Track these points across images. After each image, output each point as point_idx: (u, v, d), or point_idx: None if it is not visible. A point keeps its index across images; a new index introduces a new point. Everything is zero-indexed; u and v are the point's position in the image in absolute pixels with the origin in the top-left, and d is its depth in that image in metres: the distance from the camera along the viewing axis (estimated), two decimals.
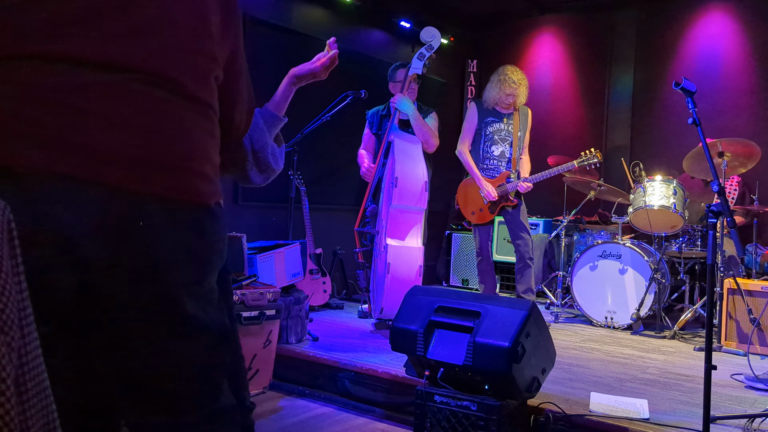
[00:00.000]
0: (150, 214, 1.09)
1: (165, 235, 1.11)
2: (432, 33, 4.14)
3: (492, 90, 4.50)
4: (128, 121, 1.07)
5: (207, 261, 1.19)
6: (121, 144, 1.06)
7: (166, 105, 1.12)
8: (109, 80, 1.07)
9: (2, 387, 0.78)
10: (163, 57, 1.13)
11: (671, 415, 2.67)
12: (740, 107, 5.71)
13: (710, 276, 2.43)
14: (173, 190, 1.12)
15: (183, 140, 1.14)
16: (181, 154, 1.14)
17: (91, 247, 1.04)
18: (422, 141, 4.22)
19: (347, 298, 5.59)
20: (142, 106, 1.09)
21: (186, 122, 1.15)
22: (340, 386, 3.33)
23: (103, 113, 1.05)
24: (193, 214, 1.15)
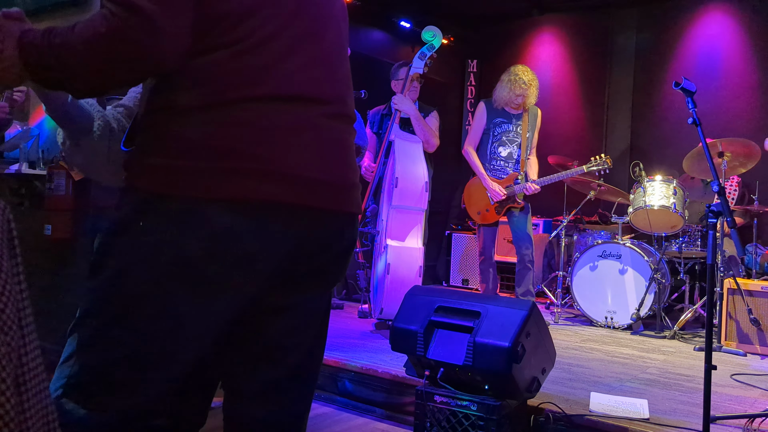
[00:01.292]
0: (340, 229, 1.27)
1: (343, 246, 1.31)
2: (433, 32, 4.14)
3: (502, 90, 4.47)
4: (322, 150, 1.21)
5: (347, 264, 1.39)
6: (321, 171, 1.20)
7: (340, 131, 1.27)
8: (306, 114, 1.19)
9: (2, 387, 0.78)
10: (332, 86, 1.26)
11: (671, 415, 2.67)
12: (740, 107, 5.72)
13: (710, 276, 2.43)
14: (354, 207, 1.31)
15: (351, 161, 1.31)
16: (353, 174, 1.32)
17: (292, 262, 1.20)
18: (423, 140, 4.22)
19: (347, 298, 5.59)
20: (328, 135, 1.23)
21: (349, 143, 1.31)
22: (340, 386, 3.33)
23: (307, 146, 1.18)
24: (355, 225, 1.35)
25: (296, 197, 1.15)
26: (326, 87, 1.23)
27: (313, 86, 1.19)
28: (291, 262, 1.19)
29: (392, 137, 4.08)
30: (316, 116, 1.19)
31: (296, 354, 1.31)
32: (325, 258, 1.26)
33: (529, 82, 4.41)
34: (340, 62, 1.29)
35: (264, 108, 1.12)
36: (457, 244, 6.46)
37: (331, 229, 1.24)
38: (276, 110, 1.13)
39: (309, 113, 1.18)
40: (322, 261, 1.26)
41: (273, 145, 1.12)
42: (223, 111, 1.10)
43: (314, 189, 1.17)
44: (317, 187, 1.18)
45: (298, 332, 1.30)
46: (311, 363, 1.38)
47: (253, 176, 1.10)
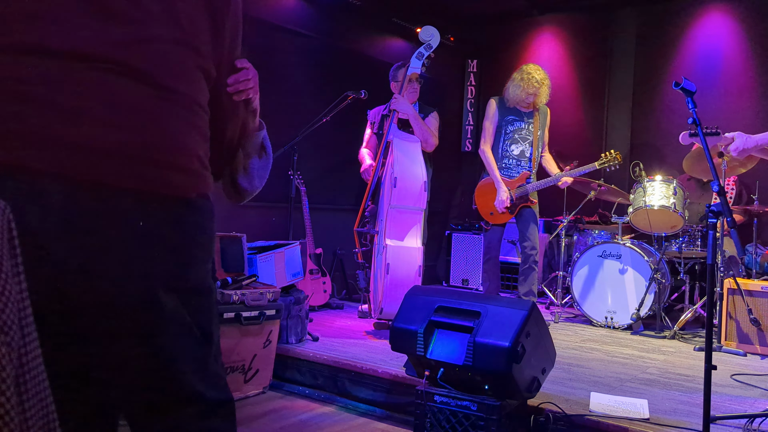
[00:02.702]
0: (119, 207, 1.08)
1: (137, 229, 1.09)
2: (431, 32, 4.14)
3: (515, 89, 4.47)
4: (96, 112, 1.06)
5: (186, 254, 1.17)
6: (89, 137, 1.05)
7: (137, 96, 1.11)
8: (77, 70, 1.05)
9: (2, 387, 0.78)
10: (134, 46, 1.11)
11: (671, 415, 2.67)
12: (740, 107, 5.71)
13: (710, 276, 2.43)
14: (144, 183, 1.10)
15: (154, 131, 1.13)
16: (152, 145, 1.12)
17: (59, 244, 1.03)
18: (421, 140, 4.22)
19: (347, 298, 5.59)
20: (110, 97, 1.08)
21: (158, 113, 1.13)
22: (340, 386, 3.33)
23: (70, 105, 1.04)
24: (168, 207, 1.14)
25: (32, 160, 1.00)
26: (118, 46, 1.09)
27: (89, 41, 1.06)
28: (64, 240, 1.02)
29: (391, 137, 4.08)
30: (88, 72, 1.05)
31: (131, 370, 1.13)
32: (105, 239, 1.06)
33: (541, 81, 4.42)
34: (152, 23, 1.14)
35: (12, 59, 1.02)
36: (457, 244, 6.46)
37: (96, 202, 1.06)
38: (20, 62, 1.02)
39: (77, 70, 1.05)
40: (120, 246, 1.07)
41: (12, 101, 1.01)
42: None
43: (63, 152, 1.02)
44: (69, 150, 1.03)
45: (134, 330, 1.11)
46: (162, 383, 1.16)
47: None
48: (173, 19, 1.18)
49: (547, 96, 4.53)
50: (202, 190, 1.21)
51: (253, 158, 1.54)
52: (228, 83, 1.33)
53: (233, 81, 1.33)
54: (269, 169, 1.61)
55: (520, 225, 4.53)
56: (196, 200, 1.20)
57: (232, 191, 1.56)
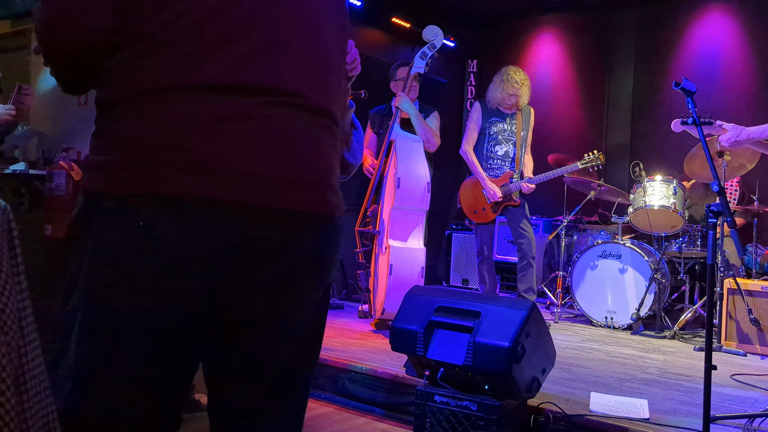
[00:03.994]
0: (285, 229, 1.15)
1: (302, 250, 1.17)
2: (434, 32, 4.13)
3: (495, 90, 4.51)
4: (267, 143, 1.12)
5: (327, 271, 1.26)
6: (263, 166, 1.10)
7: (298, 123, 1.17)
8: (247, 104, 1.11)
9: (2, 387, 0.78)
10: (292, 75, 1.17)
11: (671, 415, 2.67)
12: (740, 107, 5.72)
13: (710, 276, 2.43)
14: (312, 206, 1.18)
15: (315, 156, 1.19)
16: (315, 170, 1.19)
17: (237, 266, 1.11)
18: (423, 140, 4.22)
19: (347, 298, 5.59)
20: (276, 126, 1.13)
21: (316, 138, 1.20)
22: (340, 386, 3.32)
23: (246, 138, 1.10)
24: (322, 227, 1.21)
25: (223, 191, 1.07)
26: (279, 75, 1.14)
27: (257, 74, 1.12)
28: (236, 264, 1.10)
29: (393, 137, 4.07)
30: (258, 106, 1.11)
31: (275, 368, 1.22)
32: (283, 261, 1.15)
33: (521, 82, 4.45)
34: (305, 48, 1.19)
35: (191, 98, 1.07)
36: (457, 244, 6.46)
37: (276, 227, 1.13)
38: (206, 100, 1.07)
39: (249, 103, 1.10)
40: (280, 265, 1.15)
41: (198, 137, 1.06)
42: (146, 102, 1.06)
43: (249, 183, 1.09)
44: (253, 181, 1.09)
45: (273, 346, 1.20)
46: (297, 375, 1.26)
47: (176, 169, 1.05)
48: (325, 40, 1.24)
49: (528, 96, 4.57)
50: (342, 210, 1.29)
51: (351, 133, 1.63)
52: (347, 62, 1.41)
53: (350, 59, 1.43)
54: (363, 141, 1.70)
55: (512, 223, 4.55)
56: (339, 219, 1.27)
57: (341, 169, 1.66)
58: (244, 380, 1.21)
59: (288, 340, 1.22)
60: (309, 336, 1.26)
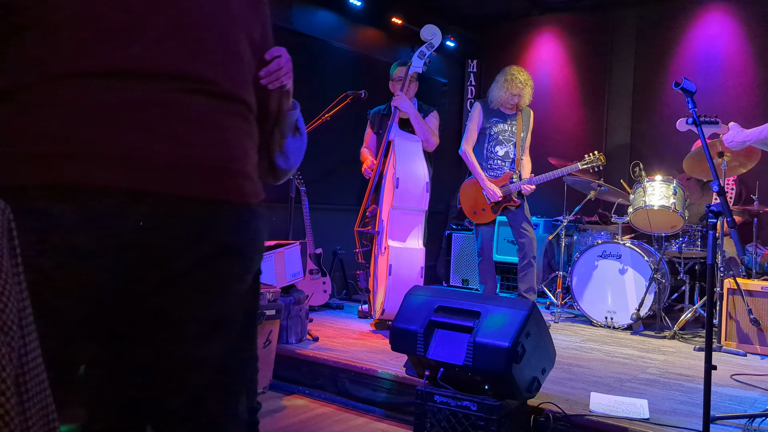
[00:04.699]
0: (197, 217, 1.11)
1: (211, 237, 1.13)
2: (432, 31, 4.12)
3: (498, 90, 4.48)
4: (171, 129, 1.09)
5: (249, 259, 1.21)
6: (165, 153, 1.08)
7: (205, 109, 1.14)
8: (147, 90, 1.08)
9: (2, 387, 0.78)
10: (199, 60, 1.14)
11: (671, 415, 2.67)
12: (740, 107, 5.71)
13: (710, 276, 2.43)
14: (218, 192, 1.14)
15: (224, 142, 1.16)
16: (224, 156, 1.16)
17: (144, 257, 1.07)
18: (422, 139, 4.21)
19: (347, 298, 5.59)
20: (182, 113, 1.11)
21: (225, 124, 1.17)
22: (340, 386, 3.33)
23: (146, 125, 1.07)
24: (237, 214, 1.18)
25: (124, 180, 1.04)
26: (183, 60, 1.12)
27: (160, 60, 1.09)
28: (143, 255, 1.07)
29: (392, 137, 4.07)
30: (162, 92, 1.09)
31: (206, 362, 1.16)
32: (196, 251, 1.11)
33: (524, 82, 4.43)
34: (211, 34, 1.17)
35: (89, 85, 1.04)
36: (457, 244, 6.46)
37: (185, 216, 1.10)
38: (104, 87, 1.05)
39: (151, 89, 1.08)
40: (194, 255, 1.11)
41: (98, 125, 1.03)
42: (42, 90, 1.04)
43: (151, 172, 1.06)
44: (156, 169, 1.06)
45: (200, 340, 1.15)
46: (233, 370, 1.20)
47: (74, 159, 1.02)
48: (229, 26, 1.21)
49: (530, 97, 4.55)
50: (260, 197, 1.25)
51: (289, 138, 1.58)
52: (260, 75, 1.36)
53: (264, 74, 1.37)
54: (304, 148, 1.65)
55: (512, 223, 4.55)
56: (257, 207, 1.23)
57: (269, 171, 1.61)
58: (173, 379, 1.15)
59: (217, 333, 1.17)
60: (242, 328, 1.21)
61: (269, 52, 1.38)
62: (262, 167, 1.61)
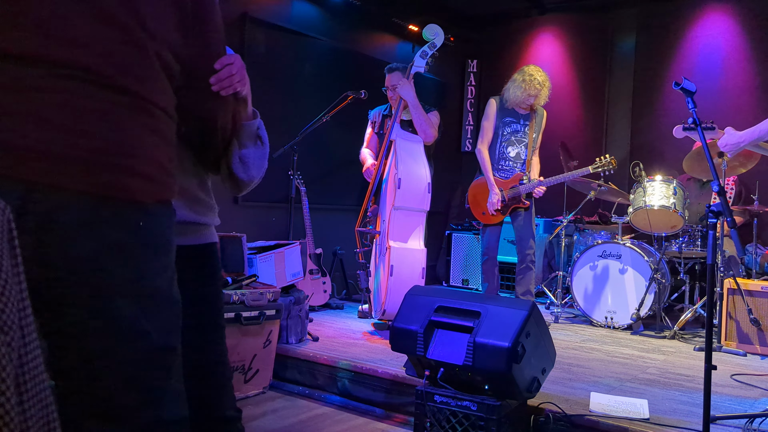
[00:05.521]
0: (71, 210, 1.07)
1: (88, 233, 1.08)
2: (435, 30, 4.11)
3: (515, 90, 4.42)
4: (47, 116, 1.06)
5: (142, 259, 1.15)
6: (39, 140, 1.05)
7: (90, 99, 1.10)
8: (27, 75, 1.06)
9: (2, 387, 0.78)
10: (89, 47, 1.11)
11: (671, 415, 2.67)
12: (740, 107, 5.71)
13: (710, 276, 2.43)
14: (96, 187, 1.10)
15: (108, 135, 1.12)
16: (106, 150, 1.12)
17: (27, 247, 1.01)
18: (420, 131, 4.18)
19: (347, 298, 5.59)
20: (62, 100, 1.08)
21: (113, 117, 1.13)
22: (340, 386, 3.33)
23: (22, 110, 1.05)
24: (121, 212, 1.13)
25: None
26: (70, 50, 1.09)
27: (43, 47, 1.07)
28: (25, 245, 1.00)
29: (393, 137, 4.05)
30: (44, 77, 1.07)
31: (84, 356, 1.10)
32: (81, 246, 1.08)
33: (542, 83, 4.38)
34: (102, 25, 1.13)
35: None
36: (457, 244, 6.46)
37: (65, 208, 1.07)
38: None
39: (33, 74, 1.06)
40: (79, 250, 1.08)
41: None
42: None
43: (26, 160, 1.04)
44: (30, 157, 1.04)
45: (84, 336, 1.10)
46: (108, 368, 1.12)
47: None
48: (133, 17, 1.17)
49: (547, 98, 4.50)
50: (161, 197, 1.20)
51: (249, 148, 1.55)
52: (210, 83, 1.34)
53: (215, 81, 1.35)
54: (266, 158, 1.62)
55: (516, 225, 4.53)
56: (153, 206, 1.18)
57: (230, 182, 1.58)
58: None
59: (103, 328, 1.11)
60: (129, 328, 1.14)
61: (220, 61, 1.35)
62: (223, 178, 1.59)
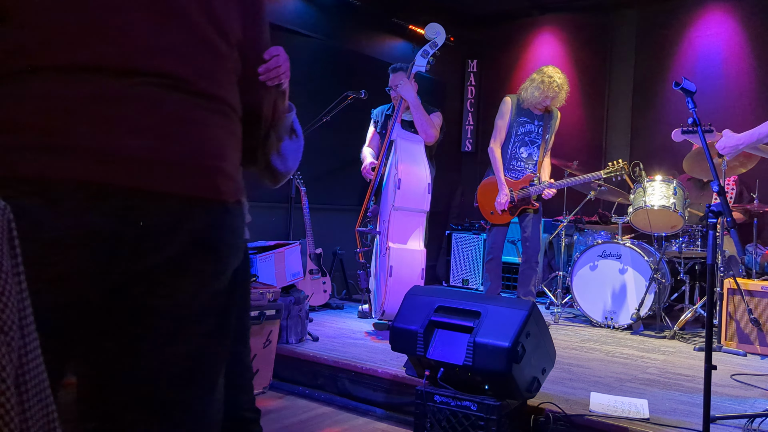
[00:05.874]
0: (169, 212, 1.11)
1: (183, 233, 1.12)
2: (436, 30, 4.09)
3: (534, 90, 4.38)
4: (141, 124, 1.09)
5: (223, 258, 1.20)
6: (135, 147, 1.07)
7: (180, 105, 1.13)
8: (120, 85, 1.08)
9: (2, 387, 0.78)
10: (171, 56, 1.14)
11: (671, 415, 2.67)
12: (740, 107, 5.72)
13: (710, 276, 2.43)
14: (191, 189, 1.13)
15: (199, 139, 1.16)
16: (197, 153, 1.15)
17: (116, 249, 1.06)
18: (421, 131, 4.16)
19: (347, 298, 5.59)
20: (155, 108, 1.10)
21: (201, 120, 1.16)
22: (340, 386, 3.33)
23: (118, 118, 1.07)
24: (211, 212, 1.16)
25: (95, 174, 1.03)
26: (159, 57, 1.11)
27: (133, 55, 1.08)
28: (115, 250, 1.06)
29: (394, 136, 4.04)
30: (136, 86, 1.08)
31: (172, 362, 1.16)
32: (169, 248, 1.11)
33: (561, 86, 4.34)
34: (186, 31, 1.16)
35: (59, 78, 1.04)
36: (457, 244, 6.46)
37: (157, 212, 1.09)
38: (75, 80, 1.04)
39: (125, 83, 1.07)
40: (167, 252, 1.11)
41: (68, 118, 1.03)
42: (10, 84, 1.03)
43: (123, 165, 1.05)
44: (127, 163, 1.06)
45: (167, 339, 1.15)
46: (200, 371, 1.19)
47: (43, 151, 1.01)
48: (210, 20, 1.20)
49: (563, 101, 4.45)
50: (239, 196, 1.24)
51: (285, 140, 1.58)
52: (259, 72, 1.36)
53: (263, 71, 1.37)
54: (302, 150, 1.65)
55: (523, 226, 4.52)
56: (233, 206, 1.22)
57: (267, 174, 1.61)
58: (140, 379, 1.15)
59: (184, 331, 1.16)
60: (213, 329, 1.20)
61: (268, 51, 1.38)
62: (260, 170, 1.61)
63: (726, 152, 2.88)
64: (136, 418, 1.16)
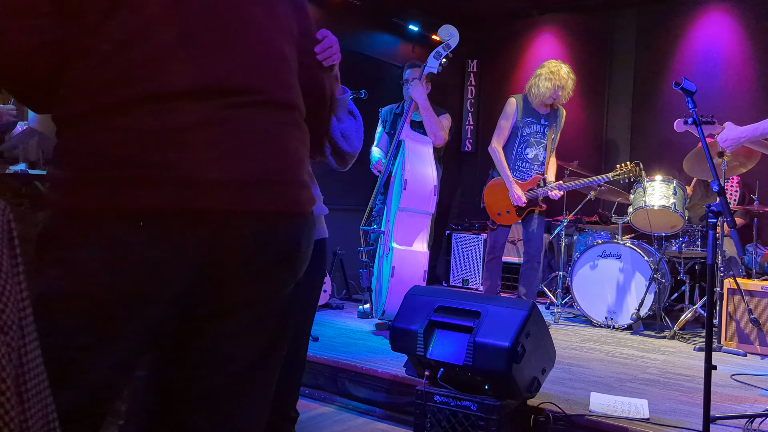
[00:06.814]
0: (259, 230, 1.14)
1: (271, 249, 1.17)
2: (450, 31, 4.08)
3: (544, 82, 4.32)
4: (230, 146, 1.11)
5: (300, 268, 1.25)
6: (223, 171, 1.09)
7: (263, 121, 1.16)
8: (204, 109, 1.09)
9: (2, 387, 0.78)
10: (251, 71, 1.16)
11: (671, 415, 2.67)
12: (740, 107, 5.71)
13: (710, 276, 2.43)
14: (280, 205, 1.17)
15: (283, 154, 1.19)
16: (284, 168, 1.18)
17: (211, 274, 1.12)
18: (430, 132, 4.15)
19: (347, 298, 5.59)
20: (241, 128, 1.12)
21: (282, 134, 1.19)
22: (340, 386, 3.33)
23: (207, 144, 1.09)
24: (295, 224, 1.21)
25: (190, 201, 1.06)
26: (236, 73, 1.13)
27: (213, 76, 1.10)
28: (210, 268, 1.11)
29: (403, 136, 4.02)
30: (220, 110, 1.10)
31: (241, 361, 1.22)
32: (257, 263, 1.16)
33: (568, 74, 4.32)
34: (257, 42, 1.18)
35: (147, 109, 1.05)
36: (457, 244, 6.46)
37: (250, 231, 1.13)
38: (163, 110, 1.06)
39: (209, 107, 1.09)
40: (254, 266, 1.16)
41: (160, 148, 1.05)
42: (101, 117, 1.05)
43: (216, 191, 1.08)
44: (220, 188, 1.08)
45: (242, 339, 1.21)
46: (262, 370, 1.26)
47: (140, 183, 1.04)
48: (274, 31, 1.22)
49: (572, 91, 4.41)
50: (314, 203, 1.28)
51: (346, 122, 1.63)
52: (316, 52, 1.41)
53: (320, 50, 1.42)
54: (362, 129, 1.70)
55: (527, 227, 4.50)
56: (310, 216, 1.26)
57: (336, 157, 1.65)
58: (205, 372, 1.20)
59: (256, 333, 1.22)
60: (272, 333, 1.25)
61: (320, 33, 1.44)
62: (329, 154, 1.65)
63: (727, 145, 2.88)
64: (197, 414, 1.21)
